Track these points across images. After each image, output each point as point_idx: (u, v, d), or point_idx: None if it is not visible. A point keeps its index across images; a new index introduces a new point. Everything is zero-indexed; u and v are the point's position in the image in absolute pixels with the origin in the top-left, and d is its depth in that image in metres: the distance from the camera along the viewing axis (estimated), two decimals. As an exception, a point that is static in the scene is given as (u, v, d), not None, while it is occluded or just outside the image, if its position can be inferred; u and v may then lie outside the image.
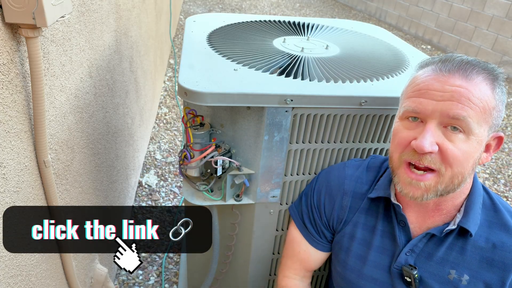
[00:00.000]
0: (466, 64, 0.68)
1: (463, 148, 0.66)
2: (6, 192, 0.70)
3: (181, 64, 0.97)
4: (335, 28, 1.42)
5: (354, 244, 0.85)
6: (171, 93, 3.29)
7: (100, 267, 1.32)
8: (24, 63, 0.75)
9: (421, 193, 0.70)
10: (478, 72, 0.67)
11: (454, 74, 0.67)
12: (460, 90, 0.66)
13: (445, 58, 0.70)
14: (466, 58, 0.69)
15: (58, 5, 0.72)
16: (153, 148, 2.55)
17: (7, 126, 0.69)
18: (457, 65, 0.68)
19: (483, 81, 0.67)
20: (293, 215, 1.00)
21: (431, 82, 0.68)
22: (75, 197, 1.07)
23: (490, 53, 4.49)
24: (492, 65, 0.70)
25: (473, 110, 0.65)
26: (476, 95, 0.65)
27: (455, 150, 0.66)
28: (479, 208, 0.74)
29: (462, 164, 0.67)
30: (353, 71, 1.02)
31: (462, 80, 0.66)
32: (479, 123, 0.66)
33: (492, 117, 0.68)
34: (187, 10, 5.68)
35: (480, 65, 0.69)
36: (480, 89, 0.66)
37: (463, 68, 0.67)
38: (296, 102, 0.87)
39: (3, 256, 0.70)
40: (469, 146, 0.67)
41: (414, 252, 0.78)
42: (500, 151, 2.98)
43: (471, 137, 0.66)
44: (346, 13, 6.85)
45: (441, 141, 0.67)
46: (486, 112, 0.67)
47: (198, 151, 0.95)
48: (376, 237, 0.83)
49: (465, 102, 0.65)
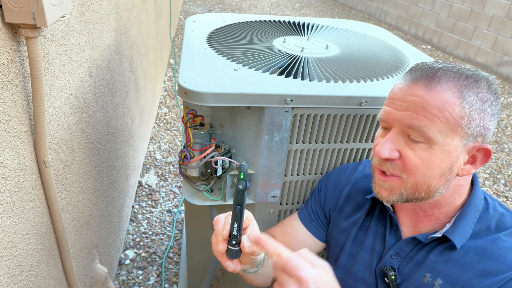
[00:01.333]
0: (434, 71, 0.67)
1: (424, 157, 0.67)
2: (6, 192, 0.70)
3: (181, 64, 0.97)
4: (335, 28, 1.42)
5: (349, 243, 0.86)
6: (171, 93, 3.29)
7: (100, 267, 1.32)
8: (24, 63, 0.75)
9: (387, 194, 0.72)
10: (444, 80, 0.65)
11: (418, 83, 0.67)
12: (417, 100, 0.66)
13: (414, 67, 0.70)
14: (436, 66, 0.67)
15: (58, 5, 0.72)
16: (153, 148, 2.55)
17: (7, 126, 0.69)
18: (422, 73, 0.67)
19: (447, 89, 0.65)
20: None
21: (397, 91, 0.70)
22: (75, 197, 1.07)
23: (490, 53, 4.49)
24: (470, 72, 0.66)
25: (430, 120, 0.65)
26: (434, 105, 0.65)
27: (414, 158, 0.67)
28: (472, 221, 0.72)
29: (423, 172, 0.68)
30: (353, 71, 1.02)
31: (423, 89, 0.66)
32: (442, 132, 0.65)
33: (462, 127, 0.65)
34: (187, 10, 5.68)
35: (450, 72, 0.66)
36: (441, 98, 0.65)
37: (428, 77, 0.67)
38: (296, 102, 0.87)
39: (3, 256, 0.70)
40: (431, 156, 0.67)
41: (400, 256, 0.78)
42: (500, 151, 2.98)
43: (434, 147, 0.66)
44: (346, 13, 6.85)
45: (401, 149, 0.69)
46: (451, 122, 0.65)
47: (198, 151, 0.95)
48: (369, 237, 0.83)
49: (420, 112, 0.66)
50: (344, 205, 0.90)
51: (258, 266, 0.72)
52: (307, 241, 0.94)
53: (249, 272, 0.74)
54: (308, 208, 0.96)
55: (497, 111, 0.67)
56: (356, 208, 0.88)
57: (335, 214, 0.91)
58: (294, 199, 1.05)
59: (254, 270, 0.73)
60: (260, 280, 0.81)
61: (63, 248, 0.96)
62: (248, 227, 0.66)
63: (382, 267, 0.79)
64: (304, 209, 0.97)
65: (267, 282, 0.84)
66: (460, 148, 0.67)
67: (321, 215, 0.94)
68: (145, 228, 1.94)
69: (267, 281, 0.83)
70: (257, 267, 0.72)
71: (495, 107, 0.66)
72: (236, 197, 0.60)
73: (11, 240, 0.73)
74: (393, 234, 0.80)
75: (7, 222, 0.71)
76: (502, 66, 4.37)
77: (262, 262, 0.72)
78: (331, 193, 0.93)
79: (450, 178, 0.69)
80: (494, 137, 3.17)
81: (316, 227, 0.94)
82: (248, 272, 0.74)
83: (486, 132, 0.66)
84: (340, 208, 0.90)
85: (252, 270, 0.73)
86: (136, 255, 1.79)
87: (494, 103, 0.66)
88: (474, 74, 0.66)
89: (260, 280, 0.81)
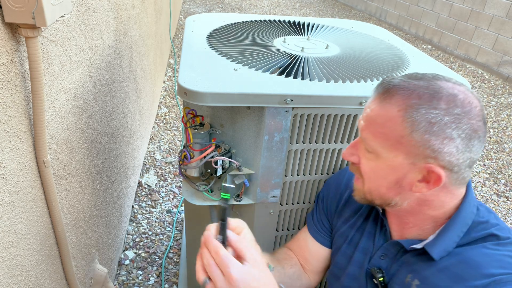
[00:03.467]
0: (389, 87, 0.66)
1: (372, 167, 0.70)
2: (6, 192, 0.70)
3: (181, 64, 0.97)
4: (335, 27, 1.41)
5: (345, 244, 0.87)
6: (171, 93, 3.28)
7: (100, 267, 1.32)
8: (24, 63, 0.74)
9: (354, 193, 0.78)
10: (396, 97, 0.64)
11: (376, 97, 0.69)
12: (369, 113, 0.69)
13: (381, 80, 0.70)
14: (395, 82, 0.66)
15: (57, 5, 0.71)
16: (153, 148, 2.55)
17: (7, 126, 0.69)
18: (381, 88, 0.68)
19: (394, 107, 0.64)
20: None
21: (368, 101, 0.72)
22: (75, 197, 1.07)
23: (490, 53, 4.49)
24: (428, 90, 0.63)
25: (373, 134, 0.67)
26: (378, 120, 0.66)
27: (365, 165, 0.72)
28: (458, 235, 0.70)
29: (373, 181, 0.71)
30: (353, 71, 1.02)
31: (377, 103, 0.68)
32: (384, 147, 0.66)
33: (404, 146, 0.64)
34: (187, 10, 5.68)
35: (404, 89, 0.64)
36: (385, 115, 0.65)
37: (383, 92, 0.67)
38: (296, 102, 0.87)
39: (3, 256, 0.70)
40: (377, 167, 0.69)
41: (388, 257, 0.79)
42: (501, 151, 2.98)
43: (380, 159, 0.68)
44: (346, 12, 6.85)
45: (360, 155, 0.73)
46: (390, 139, 0.65)
47: (198, 151, 0.95)
48: (364, 238, 0.84)
49: (368, 125, 0.68)
50: (343, 209, 0.91)
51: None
52: (318, 252, 0.96)
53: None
54: (314, 218, 0.98)
55: (462, 134, 0.61)
56: (354, 212, 0.88)
57: (335, 219, 0.92)
58: (294, 199, 1.05)
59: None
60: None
61: (63, 248, 0.96)
62: (241, 234, 0.64)
63: (371, 268, 0.80)
64: (311, 219, 0.98)
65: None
66: (406, 165, 0.66)
67: (326, 223, 0.95)
68: (144, 228, 1.93)
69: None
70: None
71: (457, 129, 0.61)
72: (221, 213, 0.62)
73: (11, 240, 0.73)
74: (382, 235, 0.81)
75: (6, 222, 0.71)
76: (503, 66, 4.37)
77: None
78: (332, 199, 0.95)
79: (402, 191, 0.69)
80: (494, 137, 3.17)
81: (323, 236, 0.95)
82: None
83: (436, 155, 0.62)
84: (340, 213, 0.91)
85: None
86: (136, 256, 1.78)
87: (454, 125, 0.61)
88: (434, 92, 0.62)
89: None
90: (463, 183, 0.69)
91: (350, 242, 0.86)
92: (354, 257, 0.84)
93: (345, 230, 0.88)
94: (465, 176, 0.67)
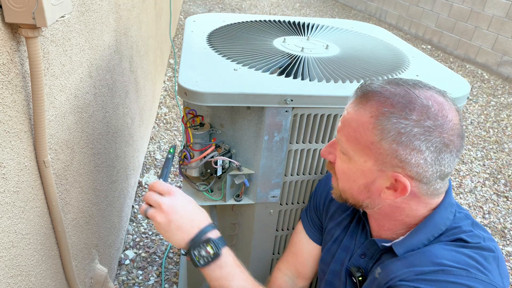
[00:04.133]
0: (366, 92, 0.66)
1: (343, 168, 0.72)
2: (6, 192, 0.70)
3: (181, 64, 0.97)
4: (335, 28, 1.41)
5: (330, 242, 0.89)
6: (171, 93, 3.28)
7: (100, 267, 1.32)
8: (24, 63, 0.75)
9: (332, 191, 0.80)
10: (371, 103, 0.64)
11: (354, 100, 0.69)
12: (344, 116, 0.70)
13: (361, 84, 0.70)
14: (373, 87, 0.66)
15: (58, 5, 0.71)
16: (153, 148, 2.55)
17: (7, 126, 0.69)
18: (360, 92, 0.69)
19: (367, 112, 0.64)
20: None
21: (347, 104, 0.73)
22: (75, 197, 1.07)
23: (490, 53, 4.49)
24: (403, 99, 0.62)
25: (346, 137, 0.68)
26: (352, 124, 0.67)
27: (338, 165, 0.73)
28: (428, 239, 0.70)
29: (345, 182, 0.73)
30: (353, 71, 1.02)
31: (353, 107, 0.68)
32: (356, 152, 0.67)
33: (373, 152, 0.64)
34: (187, 10, 5.68)
35: (380, 95, 0.64)
36: (358, 119, 0.66)
37: (361, 96, 0.67)
38: (296, 102, 0.87)
39: (3, 256, 0.70)
40: (348, 169, 0.71)
41: (367, 256, 0.80)
42: (500, 151, 2.98)
43: (352, 162, 0.69)
44: (346, 13, 6.85)
45: (336, 155, 0.74)
46: (361, 144, 0.65)
47: (198, 151, 0.95)
48: (347, 236, 0.86)
49: (343, 128, 0.69)
50: (329, 206, 0.92)
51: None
52: (314, 251, 0.96)
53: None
54: (307, 216, 0.98)
55: (431, 146, 0.61)
56: (341, 210, 0.89)
57: (324, 215, 0.94)
58: (294, 199, 1.05)
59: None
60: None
61: (63, 248, 0.96)
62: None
63: (350, 267, 0.81)
64: (305, 217, 0.99)
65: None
66: (375, 171, 0.66)
67: (316, 220, 0.96)
68: (145, 228, 1.94)
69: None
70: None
71: (426, 142, 0.60)
72: (166, 159, 0.83)
73: (11, 240, 0.73)
74: (364, 234, 0.82)
75: (7, 222, 0.71)
76: (502, 66, 4.37)
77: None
78: (320, 195, 0.96)
79: (371, 196, 0.70)
80: (494, 137, 3.17)
81: (315, 233, 0.96)
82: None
83: (403, 165, 0.63)
84: (327, 209, 0.92)
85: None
86: (136, 255, 1.79)
87: (423, 137, 0.61)
88: (409, 102, 0.62)
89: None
90: (435, 194, 0.68)
91: (335, 240, 0.88)
92: (337, 254, 0.86)
93: (332, 227, 0.89)
94: (438, 188, 0.67)
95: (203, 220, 0.75)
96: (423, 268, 0.65)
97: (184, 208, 0.73)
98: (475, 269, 0.62)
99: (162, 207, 0.71)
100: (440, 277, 0.62)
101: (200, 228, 0.73)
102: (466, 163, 2.81)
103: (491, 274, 0.63)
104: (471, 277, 0.61)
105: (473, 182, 2.61)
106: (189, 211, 0.74)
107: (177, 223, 0.71)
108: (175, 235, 0.72)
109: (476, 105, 3.69)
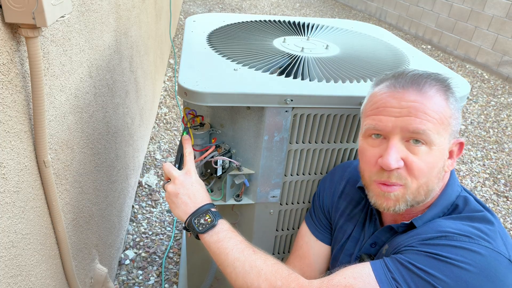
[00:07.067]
0: (419, 78, 0.71)
1: (427, 160, 0.69)
2: (6, 192, 0.70)
3: (181, 64, 0.97)
4: (335, 28, 1.41)
5: (344, 238, 0.89)
6: (171, 93, 3.28)
7: (100, 267, 1.32)
8: (24, 63, 0.75)
9: (393, 203, 0.73)
10: (431, 85, 0.70)
11: (408, 89, 0.70)
12: (416, 105, 0.68)
13: (398, 74, 0.73)
14: (418, 72, 0.72)
15: (58, 5, 0.72)
16: (153, 148, 2.55)
17: (7, 126, 0.69)
18: (410, 80, 0.70)
19: (436, 93, 0.70)
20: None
21: (388, 99, 0.71)
22: (75, 197, 1.07)
23: (490, 53, 4.49)
24: (443, 76, 0.73)
25: (431, 122, 0.68)
26: (432, 108, 0.68)
27: (419, 162, 0.69)
28: (443, 212, 0.74)
29: (426, 175, 0.71)
30: (353, 71, 1.02)
31: (417, 94, 0.69)
32: (439, 133, 0.69)
33: (450, 126, 0.71)
34: (187, 10, 5.68)
35: (431, 77, 0.71)
36: (435, 102, 0.69)
37: (416, 83, 0.70)
38: (296, 102, 0.87)
39: (3, 256, 0.70)
40: (432, 157, 0.70)
41: (378, 245, 0.81)
42: (500, 151, 2.98)
43: (433, 148, 0.69)
44: (346, 13, 6.85)
45: (405, 156, 0.70)
46: (444, 122, 0.69)
47: (198, 151, 0.95)
48: (356, 228, 0.87)
49: (422, 116, 0.68)
50: (338, 202, 0.92)
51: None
52: (322, 252, 0.96)
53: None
54: (313, 217, 0.98)
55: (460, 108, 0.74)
56: (350, 203, 0.89)
57: (333, 213, 0.93)
58: (294, 199, 1.05)
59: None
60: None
61: (63, 248, 0.96)
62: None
63: (361, 254, 0.83)
64: (310, 219, 0.98)
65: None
66: (447, 145, 0.71)
67: (324, 220, 0.96)
68: (145, 228, 1.94)
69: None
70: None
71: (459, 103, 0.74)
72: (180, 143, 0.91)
73: (11, 240, 0.73)
74: (372, 224, 0.84)
75: (7, 222, 0.71)
76: (502, 66, 4.37)
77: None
78: (327, 194, 0.95)
79: (441, 175, 0.73)
80: (494, 137, 3.17)
81: (323, 233, 0.96)
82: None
83: (456, 128, 0.73)
84: (336, 206, 0.92)
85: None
86: (136, 255, 1.79)
87: (459, 102, 0.73)
88: (445, 78, 0.73)
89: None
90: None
91: (345, 233, 0.89)
92: (346, 246, 0.87)
93: (343, 223, 0.89)
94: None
95: (206, 199, 0.83)
96: (427, 235, 0.69)
97: (193, 186, 0.83)
98: (478, 237, 0.65)
99: (175, 181, 0.82)
100: (443, 241, 0.66)
101: (202, 204, 0.81)
102: (466, 163, 2.81)
103: (494, 242, 0.65)
104: (474, 243, 0.64)
105: (473, 182, 2.61)
106: (196, 190, 0.83)
107: (183, 197, 0.81)
108: (178, 207, 0.81)
109: (476, 105, 3.69)
